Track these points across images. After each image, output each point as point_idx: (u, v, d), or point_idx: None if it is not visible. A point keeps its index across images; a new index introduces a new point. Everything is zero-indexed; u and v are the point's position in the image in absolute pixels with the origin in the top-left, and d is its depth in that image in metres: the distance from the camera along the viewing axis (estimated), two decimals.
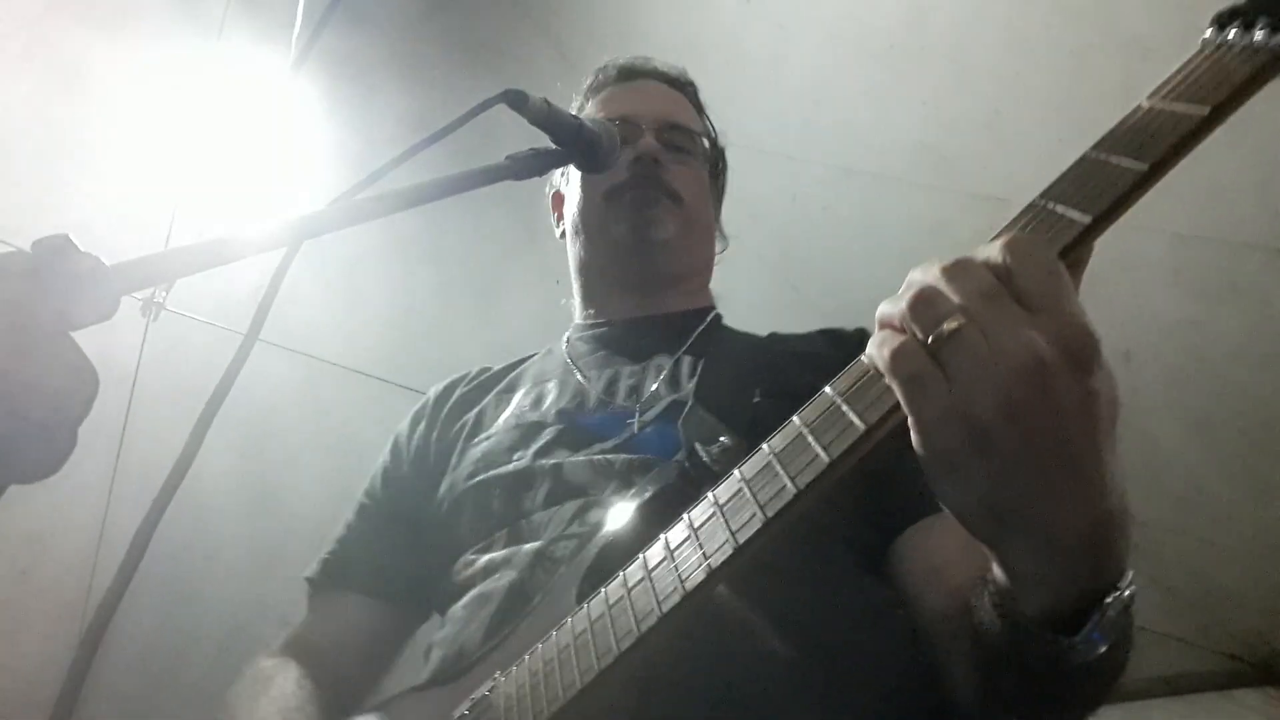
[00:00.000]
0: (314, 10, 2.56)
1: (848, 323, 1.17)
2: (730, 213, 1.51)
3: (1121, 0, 2.17)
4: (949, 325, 0.50)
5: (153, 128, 2.46)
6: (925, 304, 0.52)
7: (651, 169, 1.24)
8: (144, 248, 0.63)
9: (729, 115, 1.47)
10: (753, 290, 2.63)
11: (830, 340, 1.18)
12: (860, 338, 1.16)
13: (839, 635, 0.85)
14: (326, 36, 2.57)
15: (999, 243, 0.52)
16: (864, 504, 0.96)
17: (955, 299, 0.51)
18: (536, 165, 0.91)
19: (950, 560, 0.84)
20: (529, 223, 1.49)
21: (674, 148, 1.30)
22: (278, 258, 2.51)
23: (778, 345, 1.20)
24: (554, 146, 0.94)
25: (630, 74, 1.40)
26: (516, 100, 0.88)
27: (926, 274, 0.53)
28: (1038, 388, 0.49)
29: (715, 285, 1.42)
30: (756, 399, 1.03)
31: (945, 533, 0.89)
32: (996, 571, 0.60)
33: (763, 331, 1.24)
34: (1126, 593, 0.57)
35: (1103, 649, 0.57)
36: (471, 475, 1.09)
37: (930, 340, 0.51)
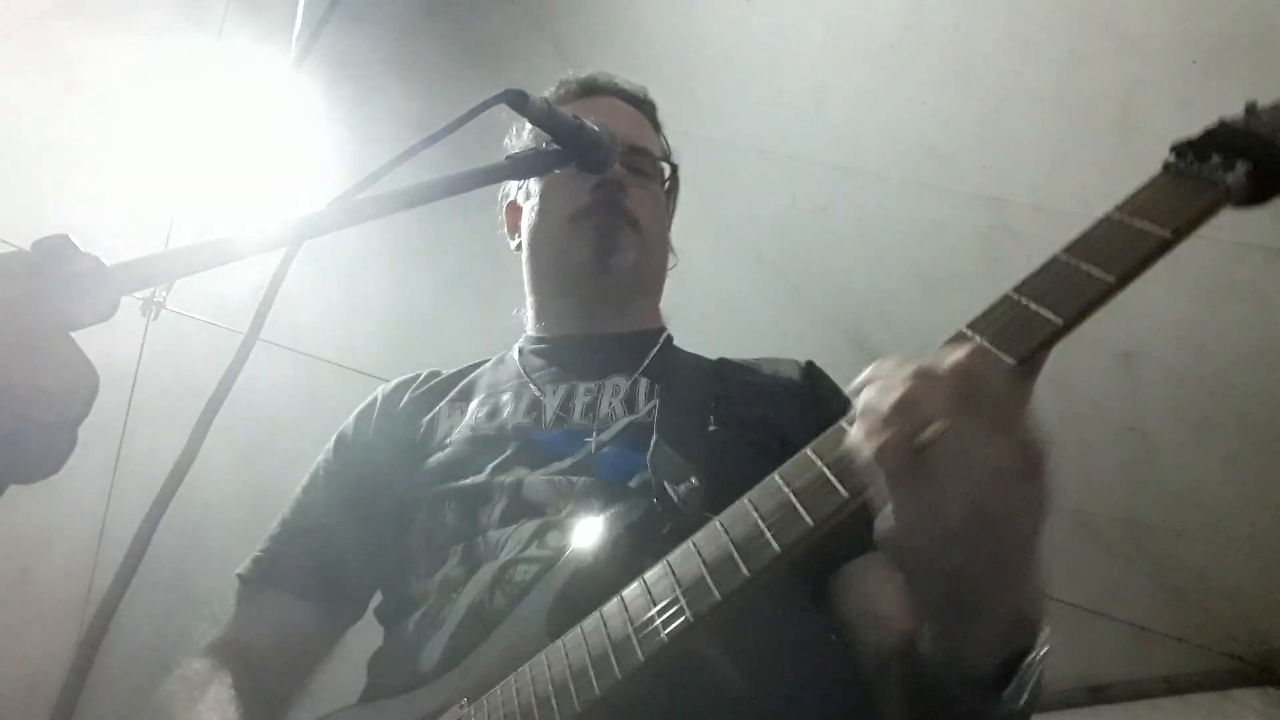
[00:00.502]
0: (314, 10, 2.55)
1: (848, 322, 1.18)
2: (730, 212, 1.50)
3: (1121, 0, 2.17)
4: (932, 431, 0.56)
5: (153, 128, 2.46)
6: (911, 407, 0.57)
7: (615, 194, 1.25)
8: (144, 248, 0.62)
9: (729, 115, 1.46)
10: (753, 290, 2.63)
11: (777, 370, 1.21)
12: (809, 370, 1.21)
13: (790, 668, 0.88)
14: (326, 36, 2.57)
15: (961, 358, 0.58)
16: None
17: (936, 405, 0.56)
18: (537, 165, 0.91)
19: (888, 605, 0.91)
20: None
21: (637, 172, 1.31)
22: (278, 258, 2.50)
23: (728, 372, 1.22)
24: (555, 147, 0.94)
25: (592, 89, 1.39)
26: (517, 100, 0.88)
27: (901, 372, 0.59)
28: (1004, 492, 0.56)
29: (715, 286, 1.42)
30: (712, 428, 1.07)
31: (883, 576, 0.96)
32: (935, 633, 0.67)
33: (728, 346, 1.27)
34: (1041, 653, 0.65)
35: (1022, 702, 0.65)
36: (427, 486, 1.09)
37: (914, 442, 0.56)
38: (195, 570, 2.52)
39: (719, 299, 1.39)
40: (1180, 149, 0.67)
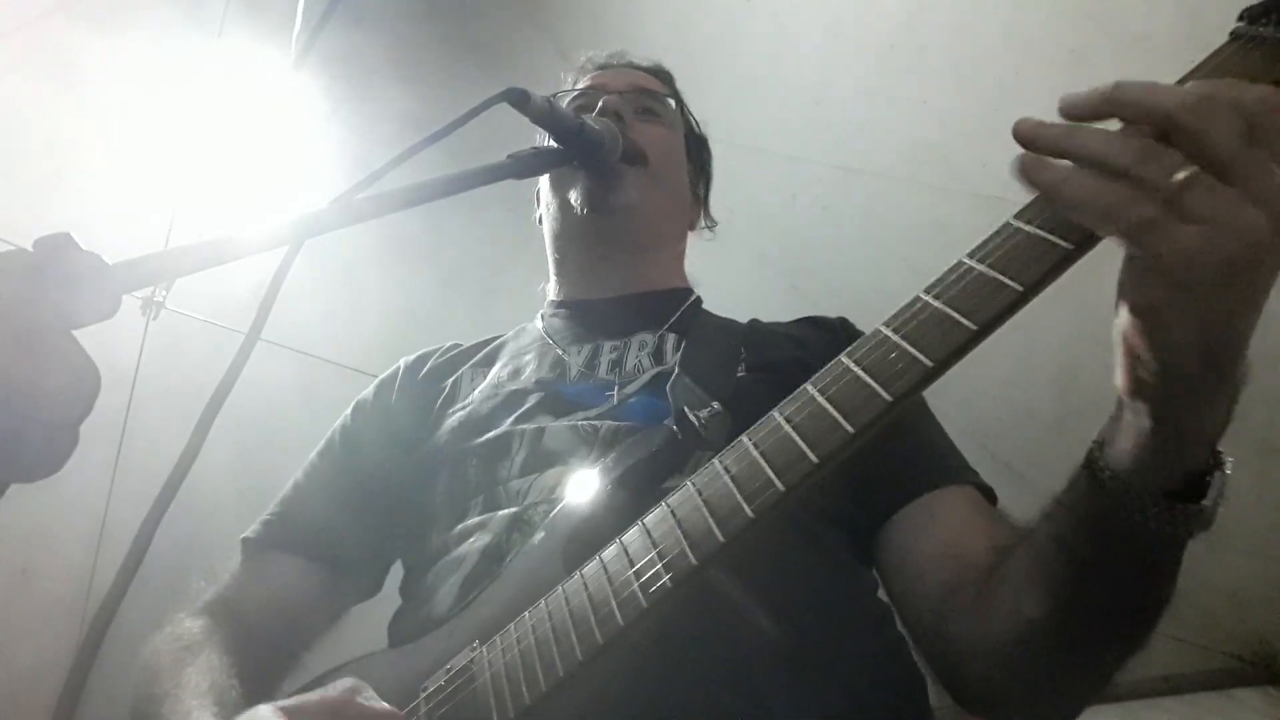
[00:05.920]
0: (314, 10, 2.56)
1: (850, 320, 1.17)
2: (730, 213, 1.50)
3: (1121, 0, 2.17)
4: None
5: (153, 127, 2.46)
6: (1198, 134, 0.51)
7: (613, 124, 1.14)
8: (144, 248, 0.62)
9: (729, 115, 1.46)
10: (753, 289, 2.63)
11: (812, 326, 1.17)
12: (842, 325, 1.15)
13: (825, 619, 0.85)
14: (326, 36, 2.57)
15: (1255, 94, 0.52)
16: (854, 486, 0.97)
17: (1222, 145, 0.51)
18: (538, 163, 0.91)
19: (965, 540, 0.88)
20: (529, 223, 1.48)
21: (640, 109, 1.25)
22: (278, 258, 2.51)
23: (760, 328, 1.18)
24: (556, 145, 0.94)
25: (605, 65, 1.37)
26: (518, 99, 0.88)
27: (1210, 96, 0.52)
28: (1261, 248, 0.50)
29: (715, 285, 1.42)
30: (741, 373, 1.02)
31: (953, 514, 0.92)
32: (1137, 428, 0.60)
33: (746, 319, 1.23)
34: (1228, 470, 0.60)
35: (1215, 517, 0.60)
36: (449, 443, 1.06)
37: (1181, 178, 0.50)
38: (195, 570, 2.52)
39: (718, 298, 1.39)
40: (1253, 11, 0.60)
